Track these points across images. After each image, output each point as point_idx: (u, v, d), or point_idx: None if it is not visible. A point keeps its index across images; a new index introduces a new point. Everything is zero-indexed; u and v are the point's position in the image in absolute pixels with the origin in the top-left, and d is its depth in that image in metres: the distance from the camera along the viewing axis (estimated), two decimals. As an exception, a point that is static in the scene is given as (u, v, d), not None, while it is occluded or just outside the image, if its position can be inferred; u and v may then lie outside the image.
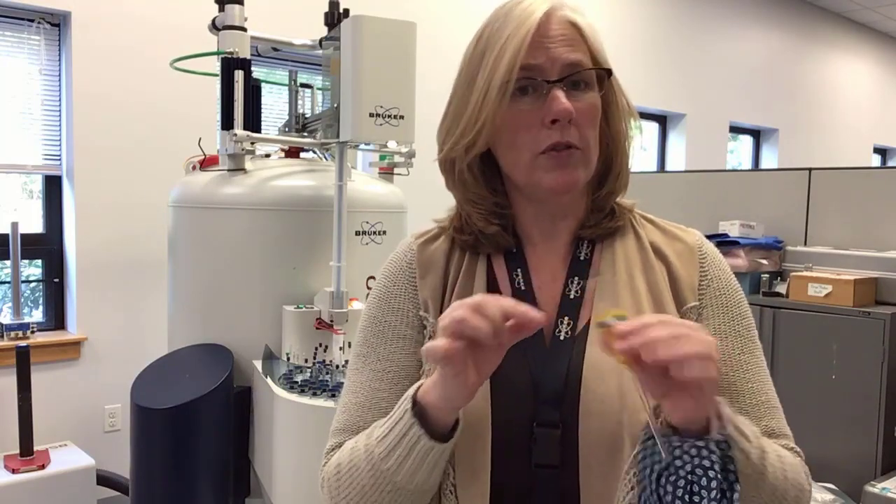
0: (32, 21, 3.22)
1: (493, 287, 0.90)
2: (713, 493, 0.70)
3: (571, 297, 0.88)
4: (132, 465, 1.92)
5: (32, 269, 3.40)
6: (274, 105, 3.78)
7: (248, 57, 2.12)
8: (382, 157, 2.48)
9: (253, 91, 2.09)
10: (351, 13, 1.96)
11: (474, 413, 0.81)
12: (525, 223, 0.92)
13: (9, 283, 3.21)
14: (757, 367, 0.89)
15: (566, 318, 0.87)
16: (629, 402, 0.79)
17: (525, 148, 0.84)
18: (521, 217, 0.92)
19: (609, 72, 0.86)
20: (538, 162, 0.84)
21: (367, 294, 2.10)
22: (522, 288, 0.89)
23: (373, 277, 2.13)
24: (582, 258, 0.90)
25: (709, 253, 0.92)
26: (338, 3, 2.21)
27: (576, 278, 0.89)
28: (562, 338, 0.86)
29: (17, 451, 2.93)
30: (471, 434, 0.81)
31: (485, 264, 0.91)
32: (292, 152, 2.26)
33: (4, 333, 3.15)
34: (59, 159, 3.35)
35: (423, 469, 0.77)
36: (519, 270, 0.90)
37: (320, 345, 1.93)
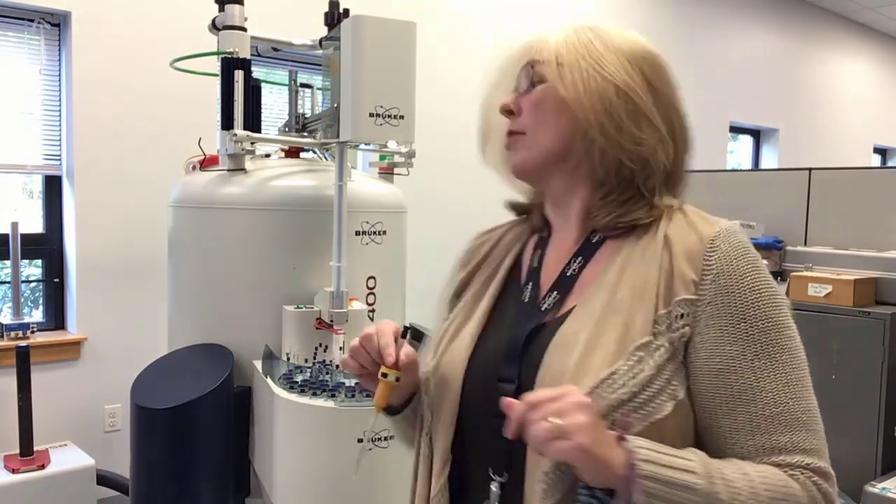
0: (32, 21, 3.22)
1: (516, 266, 1.02)
2: None
3: (568, 274, 0.94)
4: (132, 465, 1.92)
5: (32, 269, 3.40)
6: (274, 105, 3.78)
7: (248, 57, 2.12)
8: (382, 157, 2.48)
9: (253, 91, 2.09)
10: (351, 13, 1.95)
11: (450, 367, 0.96)
12: (548, 211, 1.01)
13: (9, 283, 3.21)
14: (776, 375, 0.82)
15: (555, 292, 0.93)
16: (581, 382, 0.82)
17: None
18: (546, 206, 1.02)
19: (531, 63, 0.95)
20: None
21: (367, 294, 2.10)
22: (535, 266, 0.98)
23: (373, 277, 2.13)
24: (594, 241, 0.94)
25: (722, 246, 0.85)
26: (338, 3, 2.21)
27: (580, 258, 0.94)
28: (543, 308, 0.93)
29: (17, 451, 2.93)
30: (445, 386, 0.95)
31: (519, 249, 1.04)
32: (292, 152, 2.26)
33: (4, 333, 3.15)
34: (59, 159, 3.35)
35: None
36: (539, 251, 1.00)
37: (320, 345, 1.92)
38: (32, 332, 3.22)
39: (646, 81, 0.91)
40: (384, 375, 0.94)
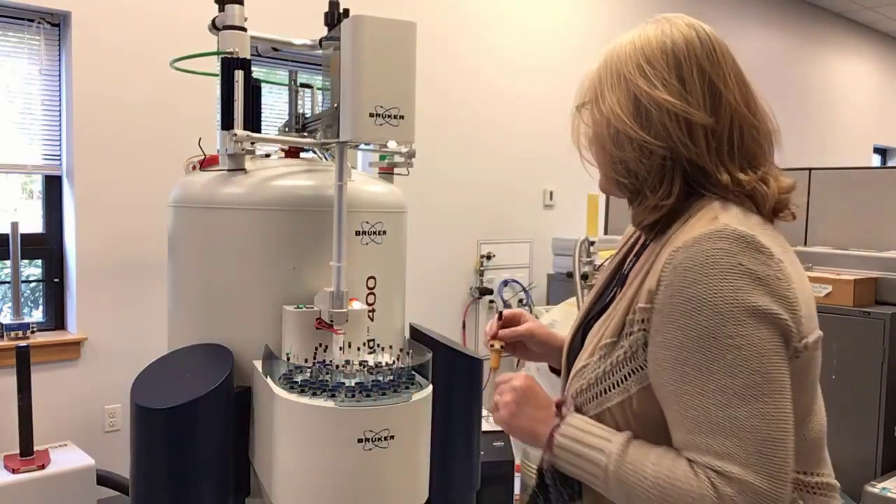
0: (32, 21, 3.22)
1: (622, 260, 1.19)
2: (542, 489, 1.05)
3: (624, 272, 1.13)
4: (132, 465, 1.92)
5: (32, 269, 3.40)
6: (274, 105, 3.78)
7: (248, 57, 2.12)
8: (382, 157, 2.48)
9: (253, 91, 2.08)
10: (351, 13, 1.95)
11: (566, 341, 1.21)
12: None
13: (9, 283, 3.21)
14: (702, 382, 0.89)
15: (617, 287, 1.11)
16: (578, 364, 1.07)
17: None
18: None
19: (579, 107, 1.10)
20: None
21: (367, 294, 2.10)
22: (624, 261, 1.18)
23: (373, 277, 2.13)
24: (646, 243, 1.10)
25: (678, 258, 0.92)
26: (338, 3, 2.21)
27: (635, 258, 1.12)
28: (606, 300, 1.12)
29: (17, 451, 2.93)
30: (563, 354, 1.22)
31: (633, 241, 1.19)
32: (292, 152, 2.26)
33: (4, 333, 3.15)
34: (59, 159, 3.35)
35: None
36: (631, 249, 1.19)
37: (320, 345, 1.92)
38: (32, 332, 3.22)
39: (634, 101, 1.01)
40: (491, 346, 1.34)
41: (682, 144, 0.98)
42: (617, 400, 0.98)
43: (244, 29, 2.17)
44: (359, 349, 1.93)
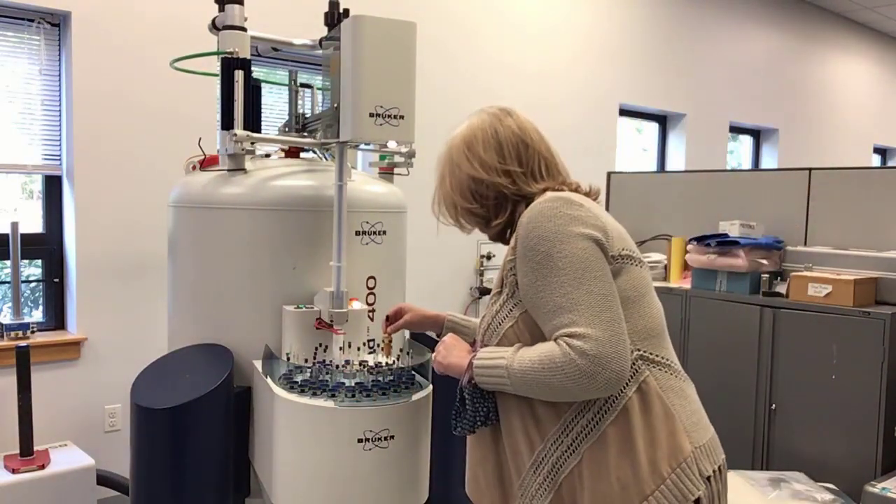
0: (32, 21, 3.22)
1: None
2: (462, 403, 1.45)
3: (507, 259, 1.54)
4: (132, 465, 1.92)
5: (32, 269, 3.40)
6: (274, 105, 3.78)
7: (248, 57, 2.12)
8: (382, 157, 2.48)
9: (253, 91, 2.09)
10: (351, 13, 1.95)
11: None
12: None
13: (9, 283, 3.21)
14: (549, 286, 1.30)
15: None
16: (482, 316, 1.51)
17: None
18: None
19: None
20: None
21: (367, 294, 2.10)
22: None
23: (373, 277, 2.13)
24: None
25: (524, 219, 1.36)
26: (338, 3, 2.21)
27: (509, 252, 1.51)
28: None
29: (17, 451, 2.93)
30: None
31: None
32: (292, 152, 2.26)
33: (4, 333, 3.15)
34: (59, 159, 3.35)
35: None
36: None
37: (320, 345, 1.93)
38: (32, 332, 3.22)
39: (472, 167, 1.48)
40: (384, 340, 1.85)
41: (504, 187, 1.46)
42: (508, 325, 1.40)
43: (244, 29, 2.17)
44: (359, 349, 1.94)
